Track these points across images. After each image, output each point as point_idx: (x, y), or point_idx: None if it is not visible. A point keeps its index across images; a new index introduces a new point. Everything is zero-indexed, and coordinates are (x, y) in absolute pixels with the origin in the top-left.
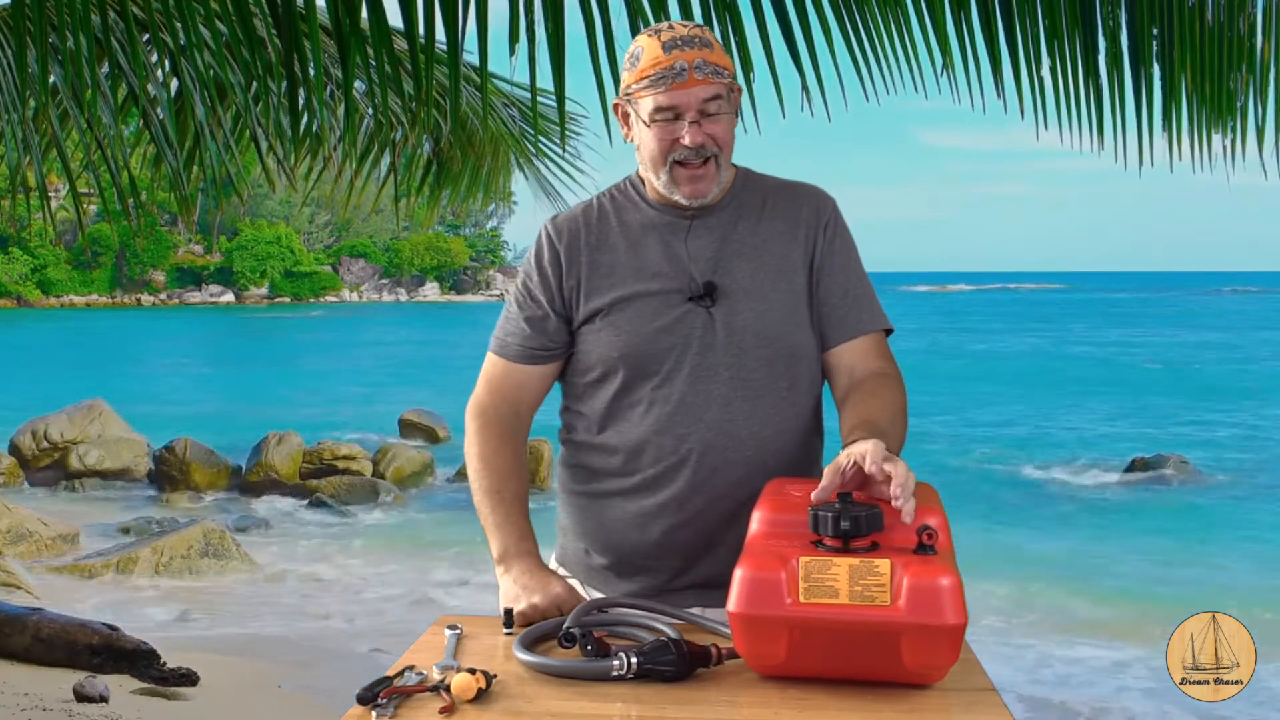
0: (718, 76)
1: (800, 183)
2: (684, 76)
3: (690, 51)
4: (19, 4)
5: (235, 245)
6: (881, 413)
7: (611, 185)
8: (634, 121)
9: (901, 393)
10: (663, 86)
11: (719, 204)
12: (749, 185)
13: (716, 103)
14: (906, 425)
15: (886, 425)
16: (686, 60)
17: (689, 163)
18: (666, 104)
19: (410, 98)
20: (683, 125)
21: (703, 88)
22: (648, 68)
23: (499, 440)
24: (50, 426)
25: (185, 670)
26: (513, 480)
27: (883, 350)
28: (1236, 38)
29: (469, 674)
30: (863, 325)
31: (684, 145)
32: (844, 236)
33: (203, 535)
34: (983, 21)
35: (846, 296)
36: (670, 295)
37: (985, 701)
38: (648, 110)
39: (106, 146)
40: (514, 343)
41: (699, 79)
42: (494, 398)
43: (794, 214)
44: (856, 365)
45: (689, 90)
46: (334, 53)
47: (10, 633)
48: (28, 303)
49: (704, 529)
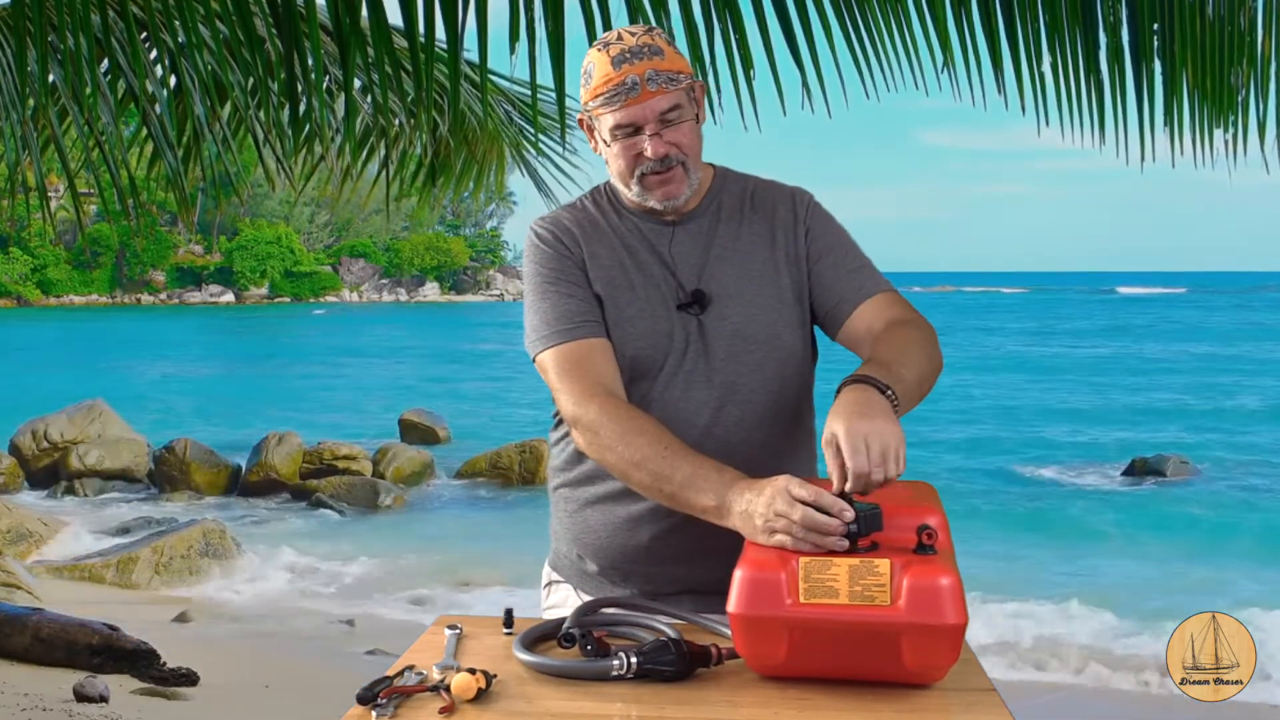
0: (672, 84)
1: (776, 182)
2: (636, 91)
3: (640, 64)
4: (19, 4)
5: (235, 245)
6: (890, 352)
7: (590, 190)
8: (597, 136)
9: (919, 330)
10: (617, 104)
11: (699, 208)
12: (728, 186)
13: (675, 111)
14: (932, 358)
15: (893, 358)
16: (637, 74)
17: (657, 171)
18: (624, 120)
19: (409, 96)
20: (644, 139)
21: (658, 99)
22: (600, 85)
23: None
24: (50, 426)
25: (185, 670)
26: (667, 432)
27: (896, 302)
28: (1237, 33)
29: (469, 674)
30: (866, 290)
31: (647, 159)
32: (826, 223)
33: (203, 535)
34: (983, 17)
35: (845, 273)
36: (659, 303)
37: (985, 701)
38: (607, 128)
39: (106, 146)
40: (573, 323)
41: (652, 91)
42: (586, 381)
43: (772, 215)
44: (873, 323)
45: (643, 105)
46: (334, 51)
47: (10, 633)
48: (28, 303)
49: (695, 533)
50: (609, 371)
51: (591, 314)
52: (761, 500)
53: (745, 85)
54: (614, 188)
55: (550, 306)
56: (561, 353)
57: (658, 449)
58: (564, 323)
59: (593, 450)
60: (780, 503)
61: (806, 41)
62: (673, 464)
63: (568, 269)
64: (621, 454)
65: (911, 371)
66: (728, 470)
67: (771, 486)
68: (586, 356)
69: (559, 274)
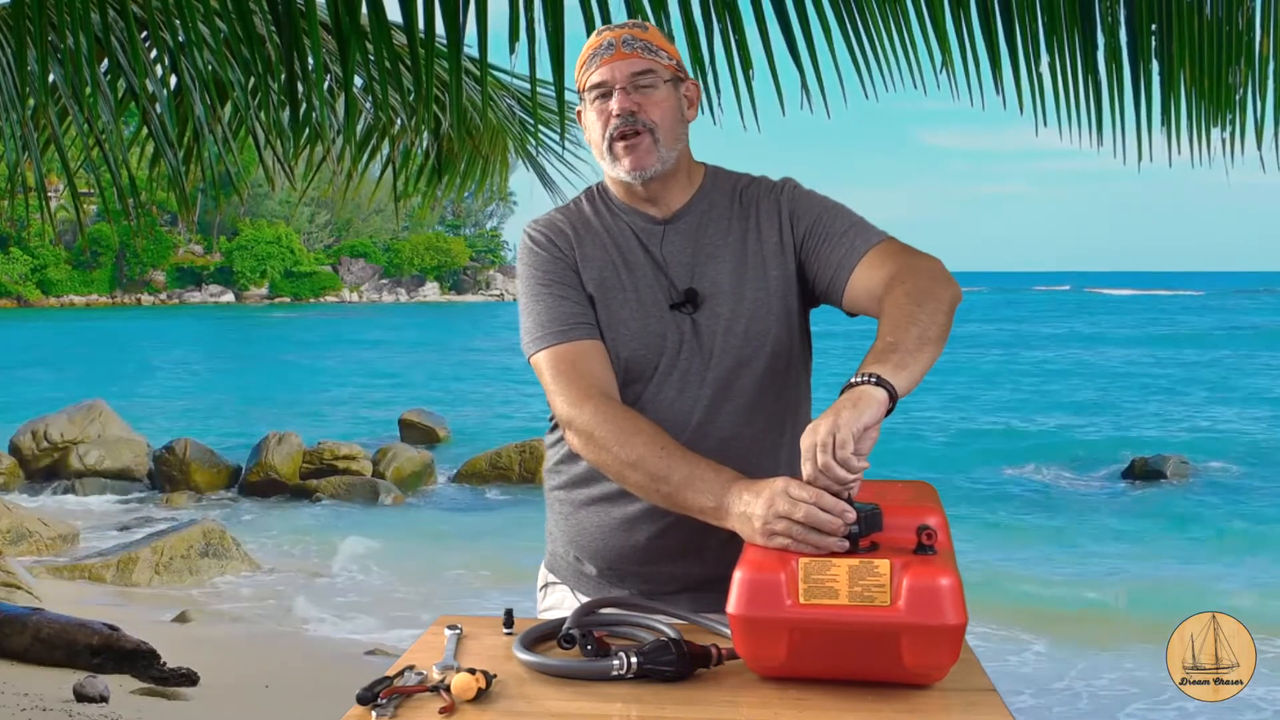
0: (648, 53)
1: (760, 176)
2: (611, 51)
3: (620, 30)
4: (19, 3)
5: (235, 245)
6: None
7: (581, 192)
8: (584, 115)
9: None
10: (594, 65)
11: (690, 207)
12: (717, 185)
13: (648, 76)
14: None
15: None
16: (614, 37)
17: (624, 134)
18: (596, 80)
19: (410, 93)
20: (613, 100)
21: (630, 61)
22: (584, 55)
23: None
24: (50, 426)
25: (185, 670)
26: (663, 433)
27: (891, 252)
28: (1235, 33)
29: (469, 674)
30: (857, 250)
31: (614, 117)
32: (808, 201)
33: (203, 535)
34: (982, 18)
35: (834, 240)
36: (651, 303)
37: (985, 701)
38: (588, 97)
39: (106, 145)
40: (567, 324)
41: (626, 53)
42: (581, 383)
43: (759, 210)
44: (873, 285)
45: (614, 64)
46: (333, 49)
47: (10, 633)
48: (28, 303)
49: (691, 532)
50: (603, 373)
51: (585, 316)
52: (760, 501)
53: (744, 85)
54: (606, 187)
55: (544, 308)
56: (556, 354)
57: (654, 450)
58: (558, 324)
59: (588, 452)
60: (781, 503)
61: (805, 42)
62: (670, 464)
63: (561, 271)
64: (617, 455)
65: (911, 342)
66: (725, 471)
67: (770, 488)
68: (581, 358)
69: (552, 276)
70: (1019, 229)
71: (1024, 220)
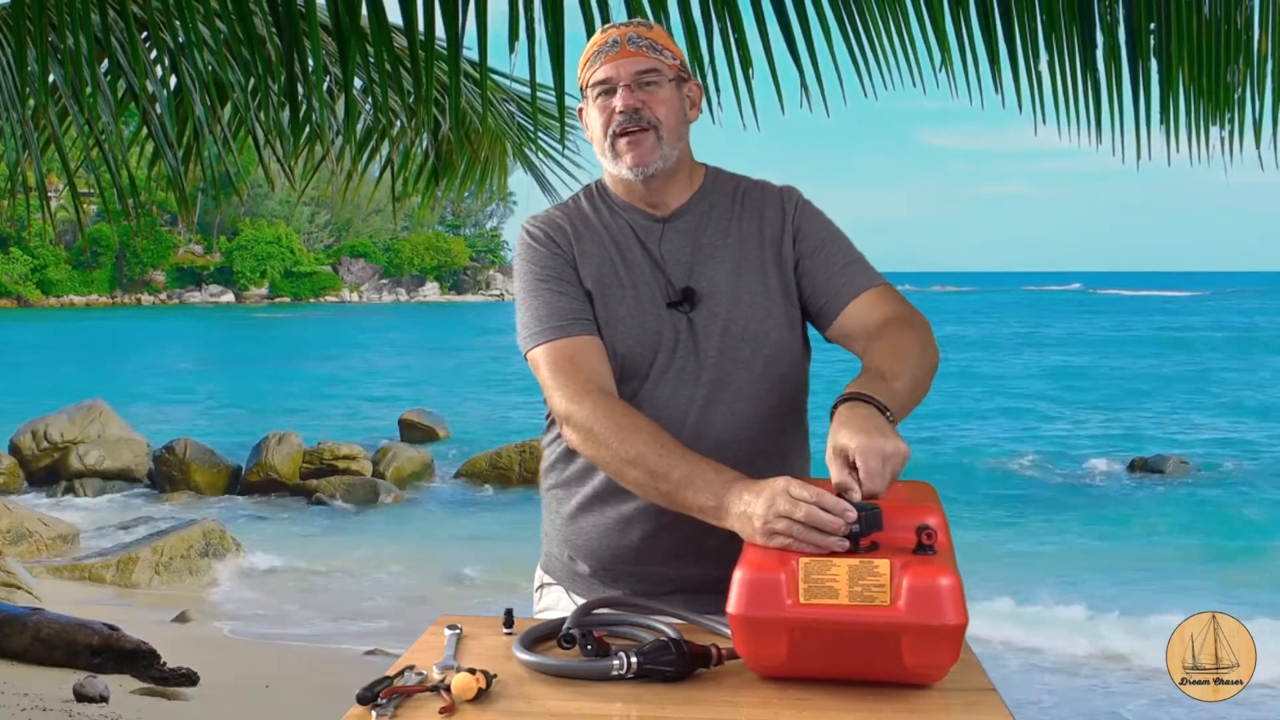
0: (653, 52)
1: (765, 181)
2: (616, 48)
3: (625, 28)
4: (19, 4)
5: (235, 245)
6: (884, 359)
7: (580, 189)
8: (586, 113)
9: (913, 329)
10: (598, 62)
11: (689, 206)
12: (718, 185)
13: (652, 75)
14: (926, 360)
15: (888, 368)
16: (619, 34)
17: (627, 131)
18: (600, 77)
19: (410, 95)
20: (617, 96)
21: (634, 59)
22: (588, 53)
23: (622, 408)
24: (50, 426)
25: (185, 670)
26: (662, 431)
27: (889, 297)
28: (1233, 31)
29: (469, 674)
30: (856, 285)
31: (618, 114)
32: (814, 220)
33: (203, 535)
34: (981, 17)
35: (835, 269)
36: (648, 301)
37: (985, 701)
38: (591, 94)
39: (106, 145)
40: (565, 320)
41: (631, 51)
42: (579, 378)
43: (761, 214)
44: (868, 321)
45: (619, 62)
46: (333, 50)
47: (10, 633)
48: (28, 303)
49: (685, 532)
50: (601, 369)
51: (583, 312)
52: (760, 501)
53: (744, 85)
54: (605, 185)
55: (542, 304)
56: (554, 349)
57: (654, 447)
58: (556, 320)
59: (586, 447)
60: (782, 503)
61: (805, 41)
62: (670, 463)
63: (559, 267)
64: (616, 451)
65: (906, 381)
66: (726, 470)
67: (771, 488)
68: (579, 353)
69: (550, 272)
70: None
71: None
